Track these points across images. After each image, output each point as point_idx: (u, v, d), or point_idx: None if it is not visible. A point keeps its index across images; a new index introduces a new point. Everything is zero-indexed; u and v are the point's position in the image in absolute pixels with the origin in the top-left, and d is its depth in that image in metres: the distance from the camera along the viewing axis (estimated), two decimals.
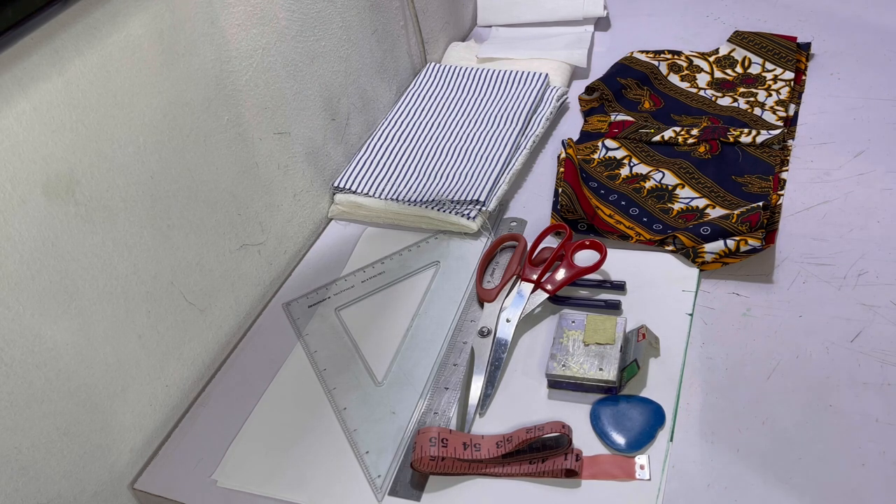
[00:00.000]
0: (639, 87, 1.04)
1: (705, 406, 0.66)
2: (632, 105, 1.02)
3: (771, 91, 0.99)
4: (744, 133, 0.91)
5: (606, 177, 0.91)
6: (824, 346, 0.69)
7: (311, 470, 0.66)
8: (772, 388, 0.66)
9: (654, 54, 1.09)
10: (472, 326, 0.76)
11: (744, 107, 0.98)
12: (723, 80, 1.04)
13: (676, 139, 0.94)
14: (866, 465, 0.60)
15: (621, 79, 1.04)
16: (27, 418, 0.58)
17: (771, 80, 1.01)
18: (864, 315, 0.71)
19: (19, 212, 0.55)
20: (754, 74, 1.03)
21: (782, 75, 1.01)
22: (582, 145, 0.97)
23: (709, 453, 0.63)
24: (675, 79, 1.05)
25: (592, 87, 1.04)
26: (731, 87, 1.02)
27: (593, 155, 0.95)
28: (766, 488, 0.60)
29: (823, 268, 0.76)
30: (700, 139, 0.92)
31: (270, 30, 0.79)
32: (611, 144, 0.96)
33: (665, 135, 0.94)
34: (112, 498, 0.68)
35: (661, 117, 1.00)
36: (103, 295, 0.64)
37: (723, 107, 0.99)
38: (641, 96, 1.03)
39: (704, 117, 0.98)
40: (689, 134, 0.94)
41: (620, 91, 1.04)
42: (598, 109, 1.02)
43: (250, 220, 0.81)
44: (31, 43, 0.54)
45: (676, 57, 1.08)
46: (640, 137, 0.95)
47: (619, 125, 0.98)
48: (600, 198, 0.88)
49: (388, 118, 1.02)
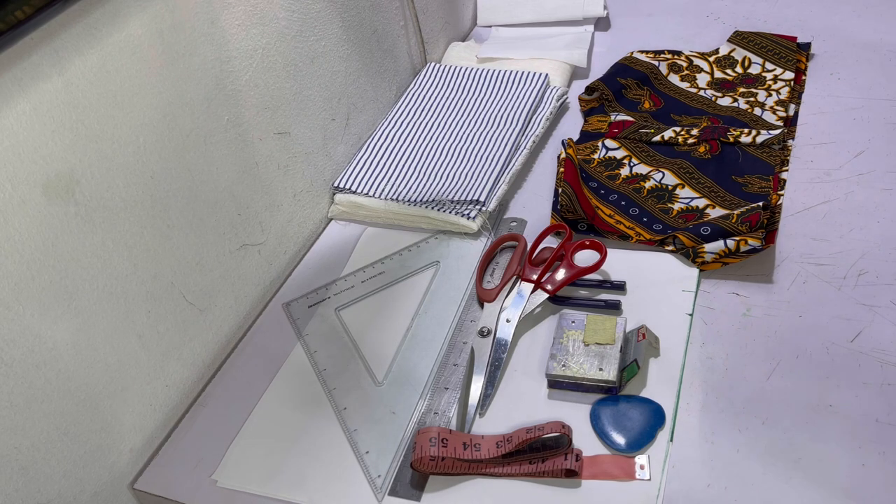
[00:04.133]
0: (639, 87, 1.04)
1: (705, 406, 0.66)
2: (632, 105, 1.02)
3: (771, 91, 0.99)
4: (744, 133, 0.91)
5: (606, 177, 0.91)
6: (824, 346, 0.69)
7: (311, 470, 0.66)
8: (772, 388, 0.66)
9: (654, 54, 1.09)
10: (472, 326, 0.76)
11: (744, 107, 0.98)
12: (723, 80, 1.03)
13: (676, 139, 0.94)
14: (866, 465, 0.60)
15: (621, 79, 1.04)
16: (27, 418, 0.58)
17: (771, 80, 1.01)
18: (864, 315, 0.71)
19: (19, 212, 0.55)
20: (754, 74, 1.03)
21: (782, 75, 1.01)
22: (582, 145, 0.97)
23: (709, 453, 0.63)
24: (675, 79, 1.06)
25: (592, 87, 1.04)
26: (731, 87, 1.02)
27: (593, 155, 0.95)
28: (766, 488, 0.60)
29: (823, 268, 0.76)
30: (700, 139, 0.92)
31: (270, 30, 0.79)
32: (611, 144, 0.96)
33: (665, 135, 0.94)
34: (112, 498, 0.68)
35: (661, 117, 1.00)
36: (103, 295, 0.64)
37: (723, 107, 0.99)
38: (641, 96, 1.03)
39: (704, 117, 0.98)
40: (689, 134, 0.94)
41: (620, 91, 1.04)
42: (598, 109, 1.02)
43: (250, 220, 0.81)
44: (31, 43, 0.54)
45: (676, 57, 1.08)
46: (640, 137, 0.95)
47: (619, 125, 0.98)
48: (600, 198, 0.88)
49: (388, 118, 1.02)
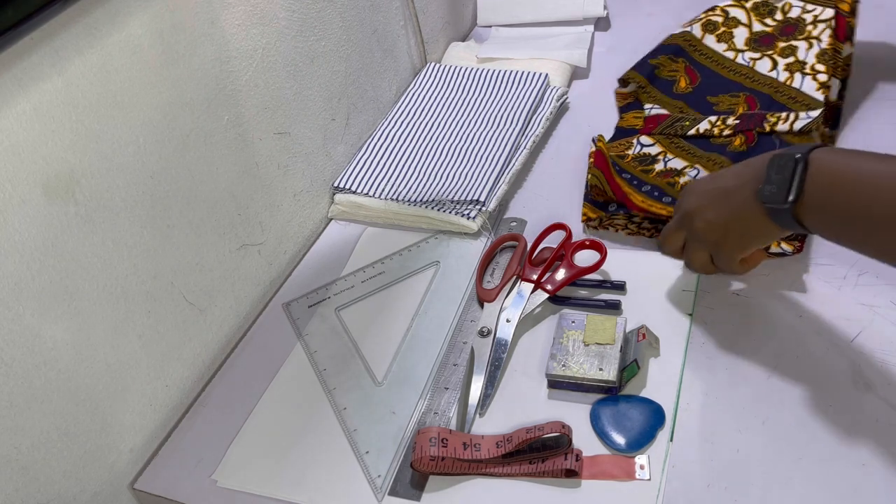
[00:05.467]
0: (672, 62, 1.01)
1: (705, 406, 0.66)
2: (667, 85, 0.99)
3: (811, 39, 0.94)
4: (781, 119, 0.87)
5: (640, 171, 0.89)
6: (824, 346, 0.69)
7: (311, 470, 0.66)
8: (772, 388, 0.66)
9: (687, 22, 1.04)
10: (472, 326, 0.76)
11: (783, 77, 0.93)
12: (762, 34, 0.98)
13: (712, 131, 0.90)
14: (866, 465, 0.60)
15: (652, 59, 1.01)
16: (27, 418, 0.58)
17: (811, 23, 0.95)
18: (864, 315, 0.71)
19: (19, 212, 0.55)
20: (794, 19, 0.97)
21: (821, 15, 0.95)
22: (616, 142, 0.94)
23: (709, 453, 0.63)
24: (712, 40, 1.01)
25: (625, 79, 1.02)
26: (770, 41, 0.97)
27: (627, 151, 0.92)
28: (766, 488, 0.60)
29: (823, 268, 0.76)
30: (736, 130, 0.89)
31: (270, 30, 0.79)
32: (646, 141, 0.93)
33: (701, 127, 0.91)
34: (112, 498, 0.68)
35: (697, 100, 0.96)
36: (103, 295, 0.64)
37: (761, 76, 0.95)
38: (676, 72, 1.00)
39: (742, 96, 0.94)
40: (725, 123, 0.90)
41: (653, 73, 1.01)
42: (633, 105, 1.00)
43: (250, 220, 0.81)
44: (31, 43, 0.54)
45: (711, 13, 1.03)
46: (676, 131, 0.92)
47: (654, 120, 0.95)
48: (633, 187, 0.85)
49: (388, 118, 1.02)
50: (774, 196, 0.58)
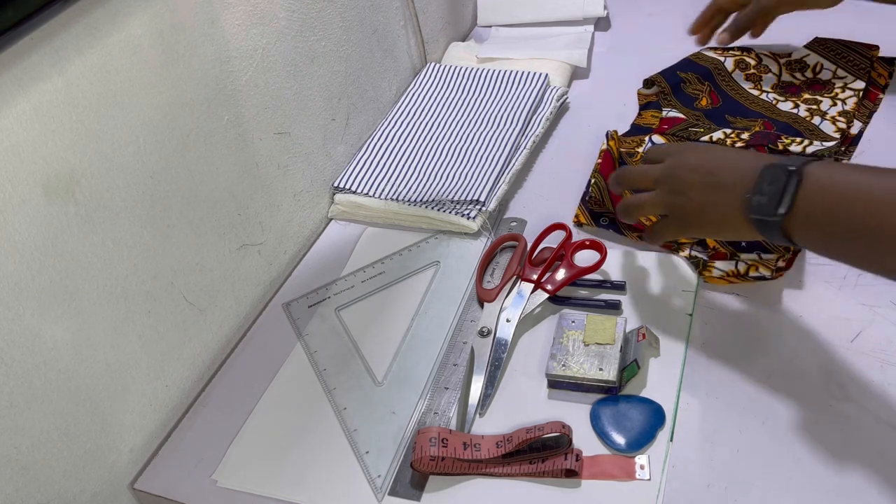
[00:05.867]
0: (699, 82, 1.01)
1: (705, 406, 0.66)
2: (689, 100, 0.99)
3: (837, 100, 0.94)
4: (795, 142, 0.87)
5: None
6: (824, 346, 0.69)
7: (311, 470, 0.66)
8: (772, 388, 0.66)
9: (722, 51, 1.05)
10: (472, 326, 0.76)
11: (803, 114, 0.93)
12: (789, 84, 0.99)
13: (725, 141, 0.89)
14: (866, 465, 0.60)
15: (682, 72, 1.02)
16: (27, 418, 0.58)
17: (840, 87, 0.95)
18: (864, 315, 0.71)
19: (19, 212, 0.55)
20: (824, 80, 0.98)
21: (852, 83, 0.95)
22: (630, 138, 0.94)
23: (709, 453, 0.63)
24: (740, 76, 1.01)
25: (651, 81, 1.02)
26: (796, 91, 0.98)
27: (638, 148, 0.92)
28: (766, 488, 0.60)
29: (823, 268, 0.76)
30: (748, 144, 0.88)
31: (270, 30, 0.79)
32: (658, 140, 0.93)
33: (714, 135, 0.90)
34: (112, 498, 0.68)
35: (715, 116, 0.96)
36: (103, 295, 0.64)
37: (781, 111, 0.95)
38: (700, 92, 1.00)
39: (759, 121, 0.94)
40: (739, 137, 0.89)
41: (679, 85, 1.01)
42: (654, 104, 1.00)
43: (250, 220, 0.81)
44: (31, 43, 0.54)
45: (746, 54, 1.04)
46: (689, 136, 0.92)
47: (670, 122, 0.95)
48: None
49: (388, 118, 1.02)
50: (763, 208, 0.57)
